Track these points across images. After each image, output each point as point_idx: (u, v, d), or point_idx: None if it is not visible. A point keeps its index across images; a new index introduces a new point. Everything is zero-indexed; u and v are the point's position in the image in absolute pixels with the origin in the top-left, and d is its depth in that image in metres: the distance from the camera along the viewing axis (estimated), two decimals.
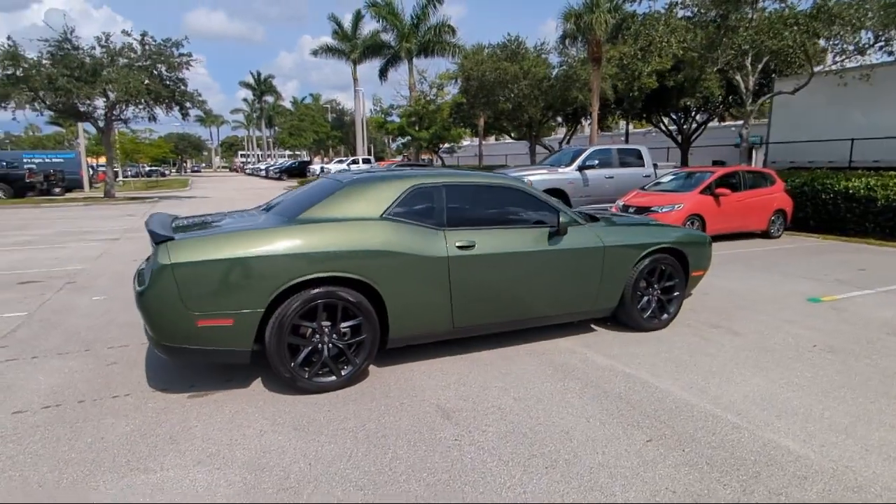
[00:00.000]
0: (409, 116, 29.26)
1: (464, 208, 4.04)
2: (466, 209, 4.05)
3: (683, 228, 5.17)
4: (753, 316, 5.24)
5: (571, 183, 11.15)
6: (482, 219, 4.09)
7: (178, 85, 21.33)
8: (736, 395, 3.49)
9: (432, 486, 2.53)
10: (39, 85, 18.80)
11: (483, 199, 4.18)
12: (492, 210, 4.17)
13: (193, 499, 2.44)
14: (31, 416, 3.25)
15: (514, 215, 4.23)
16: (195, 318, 3.21)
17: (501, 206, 4.22)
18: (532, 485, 2.54)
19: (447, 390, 3.59)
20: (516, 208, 4.26)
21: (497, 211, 4.19)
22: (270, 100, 70.64)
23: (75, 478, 2.60)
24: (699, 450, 2.84)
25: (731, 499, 2.44)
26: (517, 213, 4.24)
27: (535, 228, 4.19)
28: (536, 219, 4.25)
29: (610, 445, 2.89)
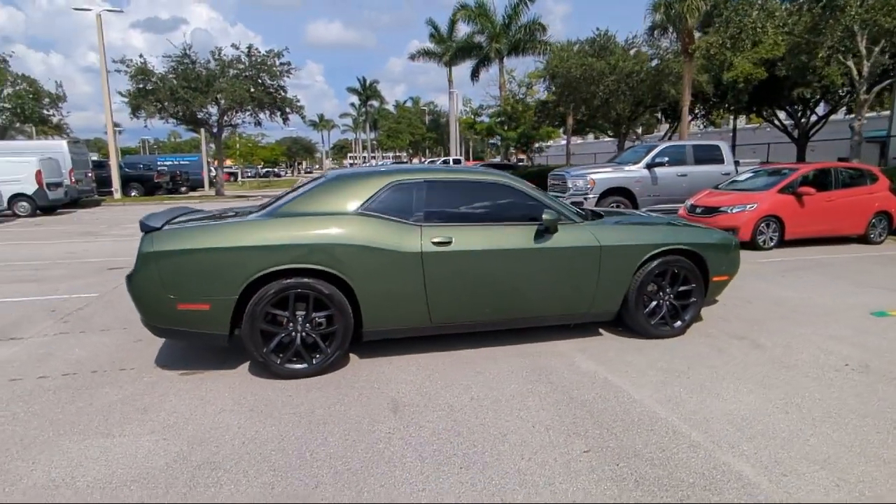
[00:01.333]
0: (497, 116, 29.28)
1: (446, 204, 4.02)
2: (448, 205, 4.03)
3: (705, 229, 4.72)
4: (791, 328, 4.66)
5: (638, 181, 10.55)
6: (465, 215, 4.05)
7: (278, 92, 23.07)
8: (716, 412, 3.16)
9: (339, 475, 2.58)
10: (163, 96, 21.26)
11: (467, 195, 4.13)
12: (477, 206, 4.11)
13: (126, 463, 2.70)
14: (51, 381, 3.76)
15: (500, 212, 4.13)
16: (175, 301, 3.52)
17: (487, 203, 4.14)
18: (435, 484, 2.50)
19: (411, 385, 3.61)
20: (503, 205, 4.15)
21: (482, 207, 4.12)
22: (376, 104, 73.94)
23: (49, 437, 2.98)
24: (635, 466, 2.62)
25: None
26: (504, 209, 4.14)
27: (522, 226, 4.06)
28: (526, 216, 4.12)
29: (542, 453, 2.76)
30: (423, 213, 3.94)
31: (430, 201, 3.98)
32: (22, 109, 22.84)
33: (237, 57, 22.20)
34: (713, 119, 28.92)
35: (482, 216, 4.08)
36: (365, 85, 72.02)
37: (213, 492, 2.45)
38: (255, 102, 22.40)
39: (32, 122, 24.17)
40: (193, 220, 3.96)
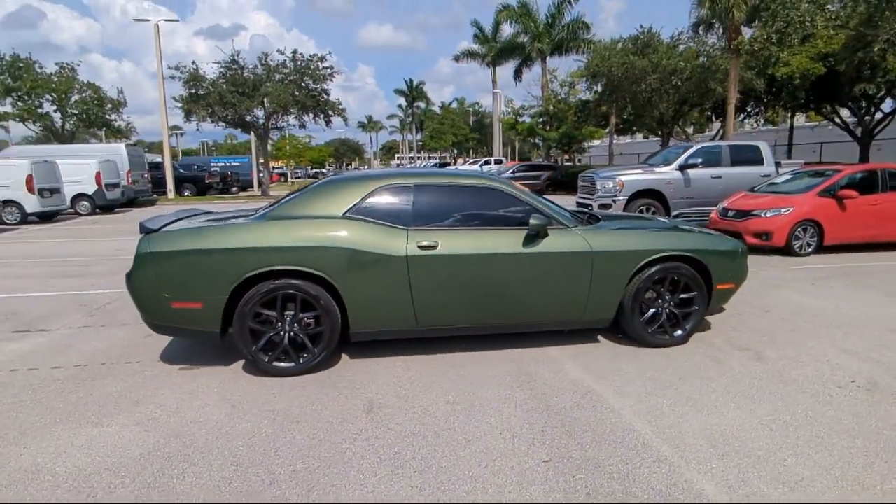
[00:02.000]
0: (539, 116, 28.96)
1: (435, 208, 4.04)
2: (437, 209, 4.04)
3: (710, 235, 4.52)
4: (803, 340, 4.41)
5: (670, 183, 10.21)
6: (455, 219, 4.05)
7: (321, 95, 23.66)
8: (694, 426, 3.04)
9: (296, 473, 2.65)
10: (213, 101, 22.22)
11: (458, 199, 4.13)
12: (467, 210, 4.10)
13: (105, 452, 2.86)
14: (62, 371, 4.02)
15: (491, 216, 4.11)
16: (169, 300, 3.70)
17: (477, 207, 4.13)
18: (385, 486, 2.53)
19: (391, 387, 3.65)
20: (493, 208, 4.13)
21: (472, 211, 4.11)
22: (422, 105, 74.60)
23: (46, 424, 3.19)
24: (592, 479, 2.56)
25: None
26: (495, 213, 4.12)
27: (512, 230, 4.03)
28: (518, 220, 4.08)
29: (501, 460, 2.73)
30: (412, 216, 3.97)
31: (418, 205, 4.01)
32: (87, 115, 24.39)
33: (282, 62, 22.93)
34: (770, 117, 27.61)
35: (472, 220, 4.07)
36: (411, 86, 72.81)
37: (174, 483, 2.57)
38: (298, 106, 23.05)
39: (97, 126, 25.78)
40: (192, 222, 4.14)
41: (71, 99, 24.70)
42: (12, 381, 3.84)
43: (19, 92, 23.59)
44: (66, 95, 24.43)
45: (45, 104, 24.69)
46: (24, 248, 10.70)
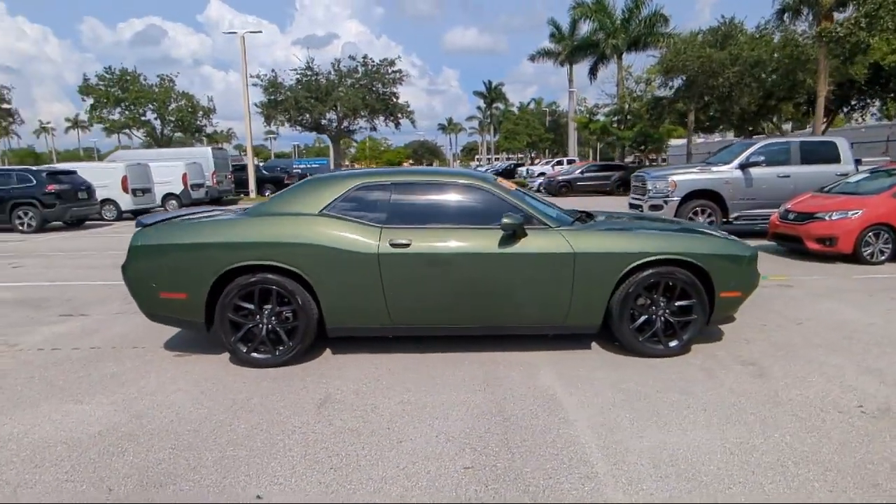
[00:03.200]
0: (613, 115, 27.92)
1: (411, 206, 4.01)
2: (414, 207, 4.02)
3: (713, 237, 4.12)
4: (824, 357, 3.92)
5: (728, 183, 9.44)
6: (432, 217, 4.00)
7: (390, 98, 24.27)
8: (646, 444, 2.79)
9: (222, 460, 2.72)
10: (289, 106, 23.48)
11: (436, 197, 4.07)
12: (445, 209, 4.04)
13: (71, 427, 3.10)
14: (78, 353, 4.41)
15: (470, 215, 4.02)
16: (157, 290, 3.95)
17: (456, 205, 4.05)
18: (297, 480, 2.54)
19: (355, 383, 3.66)
20: (474, 207, 4.03)
21: (451, 210, 4.04)
22: (501, 106, 74.26)
23: (39, 399, 3.51)
24: (504, 489, 2.43)
25: None
26: (474, 212, 4.02)
27: (490, 229, 3.90)
28: (498, 219, 3.95)
29: (422, 464, 2.66)
30: (388, 214, 3.97)
31: (395, 203, 4.00)
32: (182, 122, 26.66)
33: (354, 67, 23.78)
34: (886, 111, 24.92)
35: (450, 219, 4.00)
36: (490, 88, 72.67)
37: (111, 460, 2.73)
38: (368, 109, 23.80)
39: (190, 132, 28.10)
40: (185, 218, 4.38)
41: (169, 107, 27.10)
42: (34, 359, 4.27)
43: (126, 102, 26.25)
44: (164, 104, 26.86)
45: (147, 113, 27.29)
46: (109, 241, 11.86)
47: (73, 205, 14.63)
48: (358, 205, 4.00)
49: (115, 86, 25.94)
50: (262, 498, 2.41)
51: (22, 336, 4.89)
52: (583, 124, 29.81)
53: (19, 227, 13.85)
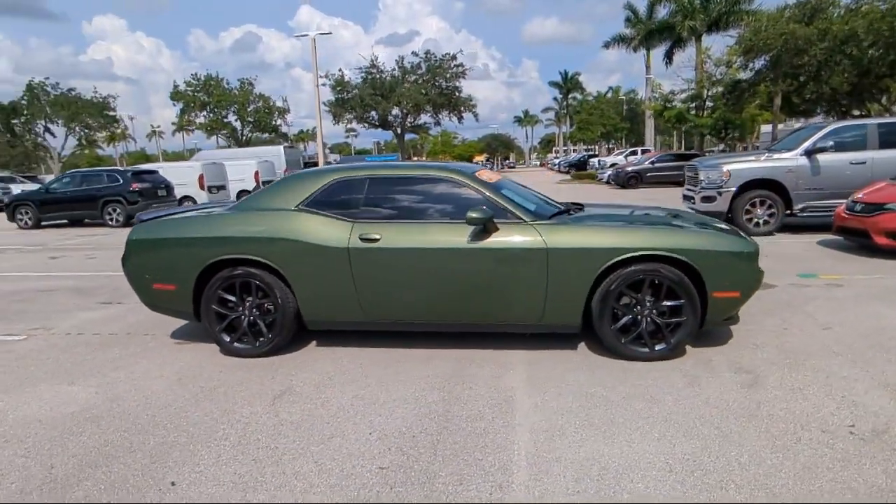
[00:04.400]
0: (690, 101, 26.24)
1: (384, 201, 3.98)
2: (387, 202, 3.98)
3: (706, 232, 3.71)
4: (839, 368, 3.44)
5: (791, 172, 8.55)
6: (404, 212, 3.94)
7: (453, 93, 24.28)
8: (578, 456, 2.59)
9: (160, 445, 2.84)
10: (355, 104, 24.16)
11: (410, 191, 4.00)
12: (418, 202, 3.97)
13: (54, 406, 3.36)
14: (96, 338, 4.79)
15: (443, 209, 3.91)
16: (151, 281, 4.19)
17: (430, 199, 3.96)
18: (215, 469, 2.59)
19: (319, 377, 3.69)
20: (447, 201, 3.92)
21: (424, 204, 3.96)
22: (579, 96, 72.13)
23: (41, 379, 3.84)
24: (410, 493, 2.35)
25: None
26: (447, 206, 3.91)
27: (461, 224, 3.78)
28: None
29: (341, 460, 2.63)
30: (361, 209, 3.96)
31: (368, 198, 3.99)
32: (259, 122, 28.24)
33: (417, 64, 24.02)
34: None
35: (422, 213, 3.93)
36: (566, 78, 70.76)
37: (69, 439, 2.93)
38: (430, 104, 23.96)
39: (266, 131, 29.71)
40: (179, 214, 4.57)
41: (248, 109, 28.80)
42: (58, 342, 4.69)
43: (210, 105, 28.21)
44: (244, 107, 28.58)
45: (229, 115, 29.18)
46: None
47: (154, 201, 15.93)
48: (334, 200, 4.02)
49: (201, 91, 27.98)
50: (176, 485, 2.49)
51: (60, 321, 5.38)
52: (657, 112, 28.23)
53: (108, 222, 15.30)
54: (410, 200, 3.98)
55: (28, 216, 15.77)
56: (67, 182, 16.74)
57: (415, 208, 3.95)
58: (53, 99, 31.84)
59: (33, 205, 16.03)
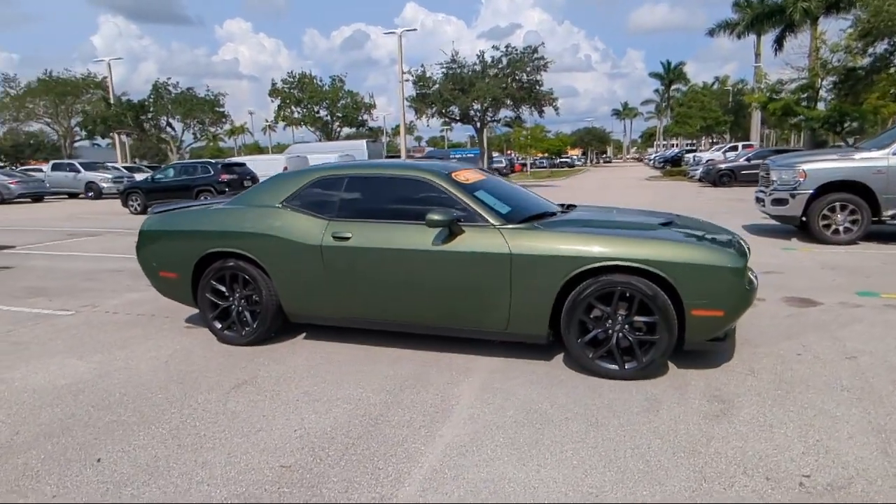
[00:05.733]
0: (801, 91, 23.66)
1: (360, 200, 4.00)
2: (362, 201, 4.00)
3: (687, 240, 3.31)
4: (833, 406, 2.97)
5: (880, 173, 7.45)
6: (377, 211, 3.94)
7: (533, 87, 23.74)
8: (481, 476, 2.46)
9: (112, 423, 3.07)
10: (435, 99, 24.38)
11: (384, 191, 3.99)
12: (392, 202, 3.94)
13: (51, 379, 3.75)
14: (125, 317, 5.26)
15: (415, 209, 3.85)
16: (157, 269, 4.54)
17: (404, 199, 3.92)
18: (142, 451, 2.76)
19: (287, 369, 3.80)
20: (420, 202, 3.86)
21: (398, 204, 3.92)
22: (683, 87, 67.67)
23: (60, 352, 4.29)
24: (295, 494, 2.36)
25: None
26: (420, 207, 3.84)
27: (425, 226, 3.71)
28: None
29: (253, 455, 2.70)
30: (338, 207, 4.02)
31: (346, 196, 4.03)
32: (347, 117, 29.45)
33: (497, 58, 23.74)
34: None
35: (395, 213, 3.90)
36: (668, 68, 66.64)
37: (40, 410, 3.25)
38: (509, 98, 23.61)
39: (354, 126, 30.91)
40: (186, 207, 4.87)
41: (338, 104, 30.14)
42: (93, 319, 5.22)
43: (303, 101, 29.87)
44: (334, 103, 29.94)
45: (320, 110, 30.73)
46: None
47: (240, 191, 17.25)
48: (312, 198, 4.11)
49: (295, 87, 29.69)
50: (101, 461, 2.69)
51: (108, 300, 5.98)
52: (762, 103, 25.73)
53: None
54: (385, 200, 3.97)
55: (137, 202, 17.63)
56: (170, 172, 18.54)
57: (388, 208, 3.93)
58: (173, 97, 35.25)
59: (141, 192, 17.92)
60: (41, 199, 24.74)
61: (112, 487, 2.45)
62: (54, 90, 44.46)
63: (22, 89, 46.84)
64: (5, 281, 7.18)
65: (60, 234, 11.95)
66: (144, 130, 38.16)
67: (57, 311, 5.57)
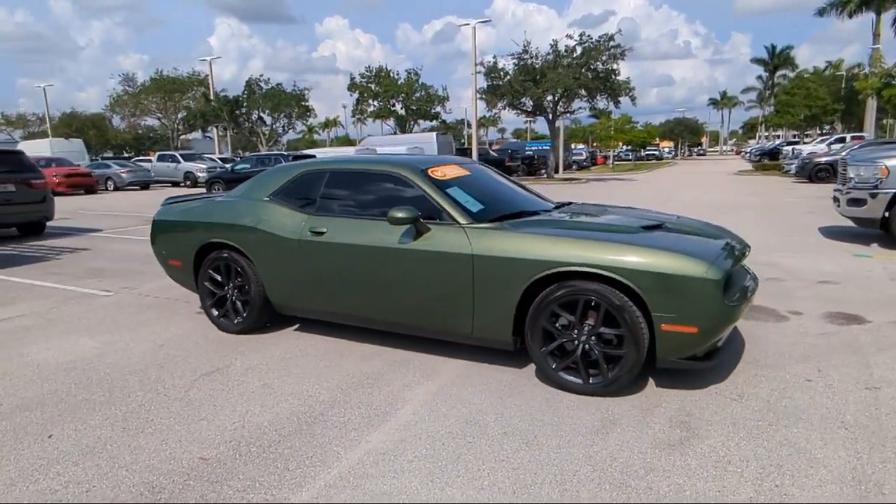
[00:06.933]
0: None
1: (339, 195, 3.98)
2: (341, 196, 3.97)
3: (659, 247, 2.93)
4: (818, 446, 2.53)
5: None
6: (355, 206, 3.90)
7: (608, 76, 22.68)
8: (385, 488, 2.35)
9: (86, 401, 3.27)
10: (506, 90, 24.01)
11: (362, 186, 3.93)
12: (367, 198, 3.88)
13: (57, 355, 4.07)
14: (151, 300, 5.62)
15: (390, 205, 3.75)
16: (166, 257, 4.79)
17: (378, 195, 3.84)
18: (94, 431, 2.91)
19: (261, 360, 3.85)
20: (394, 198, 3.76)
21: (373, 200, 3.85)
22: (790, 73, 61.81)
23: (79, 331, 4.65)
24: (197, 486, 2.38)
25: None
26: (394, 203, 3.74)
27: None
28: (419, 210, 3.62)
29: (176, 444, 2.76)
30: (318, 202, 4.02)
31: (326, 191, 4.02)
32: (420, 110, 29.76)
33: (571, 47, 22.90)
34: None
35: (369, 209, 3.84)
36: (773, 53, 61.05)
37: (30, 384, 3.52)
38: (583, 88, 22.73)
39: (427, 119, 31.18)
40: (193, 199, 5.06)
41: (413, 97, 30.54)
42: (123, 301, 5.62)
43: (380, 96, 30.56)
44: (409, 96, 30.37)
45: (396, 104, 31.30)
46: None
47: None
48: (296, 192, 4.14)
49: (372, 82, 30.43)
50: (52, 437, 2.86)
51: (147, 283, 6.41)
52: (875, 90, 22.95)
53: None
54: (362, 196, 3.92)
55: (219, 191, 18.89)
56: (247, 164, 19.72)
57: (364, 204, 3.88)
58: (263, 93, 37.37)
59: (223, 181, 19.22)
60: (147, 187, 27.27)
61: (44, 464, 2.60)
62: (164, 88, 48.67)
63: (138, 87, 51.78)
64: (77, 261, 7.93)
65: (146, 219, 13.06)
66: (238, 124, 40.77)
67: (100, 291, 6.06)
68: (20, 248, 9.23)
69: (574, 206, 4.37)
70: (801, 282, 5.64)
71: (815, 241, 7.98)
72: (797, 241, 8.01)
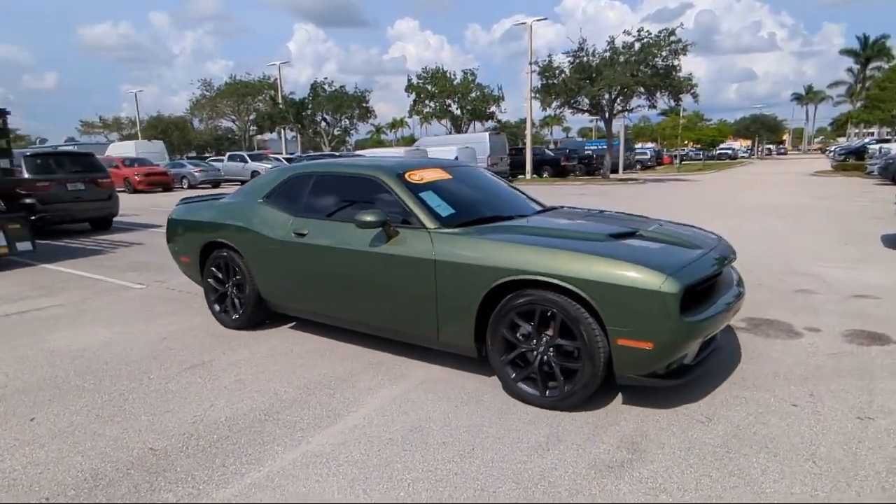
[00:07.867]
0: None
1: (324, 197, 4.05)
2: (326, 198, 4.04)
3: (618, 255, 2.74)
4: (782, 483, 2.32)
5: None
6: (336, 209, 3.96)
7: (668, 73, 21.69)
8: (302, 492, 2.37)
9: (79, 388, 3.52)
10: (560, 89, 23.51)
11: (344, 189, 3.98)
12: (346, 201, 3.93)
13: (68, 343, 4.40)
14: (171, 293, 5.95)
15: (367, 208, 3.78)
16: (179, 253, 5.06)
17: (357, 198, 3.87)
18: (67, 416, 3.13)
19: (246, 356, 3.99)
20: (369, 201, 3.78)
21: (351, 203, 3.89)
22: (885, 65, 56.63)
23: (98, 321, 5.00)
24: (137, 477, 2.51)
25: None
26: (368, 206, 3.76)
27: None
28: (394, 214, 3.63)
29: (135, 435, 2.90)
30: (304, 204, 4.11)
31: (312, 194, 4.11)
32: (475, 110, 29.73)
33: (629, 43, 22.09)
34: None
35: (348, 211, 3.88)
36: (866, 44, 56.16)
37: (36, 369, 3.82)
38: (640, 86, 21.87)
39: (482, 119, 31.08)
40: (203, 200, 5.28)
41: (468, 98, 30.56)
42: (150, 294, 5.98)
43: (436, 96, 30.80)
44: (464, 96, 30.41)
45: (452, 104, 31.43)
46: None
47: None
48: (286, 194, 4.25)
49: (429, 82, 30.73)
50: (34, 420, 3.10)
51: (178, 277, 6.70)
52: None
53: None
54: (343, 199, 3.97)
55: None
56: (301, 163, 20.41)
57: (342, 207, 3.93)
58: (327, 95, 38.62)
59: None
60: (218, 185, 28.87)
61: (17, 445, 2.82)
62: (237, 92, 51.33)
63: (214, 92, 54.93)
64: (127, 255, 8.52)
65: None
66: (304, 126, 42.33)
67: (134, 284, 6.48)
68: (86, 241, 10.02)
69: (559, 210, 4.23)
70: (834, 295, 5.17)
71: (871, 251, 7.29)
72: (849, 251, 7.34)
